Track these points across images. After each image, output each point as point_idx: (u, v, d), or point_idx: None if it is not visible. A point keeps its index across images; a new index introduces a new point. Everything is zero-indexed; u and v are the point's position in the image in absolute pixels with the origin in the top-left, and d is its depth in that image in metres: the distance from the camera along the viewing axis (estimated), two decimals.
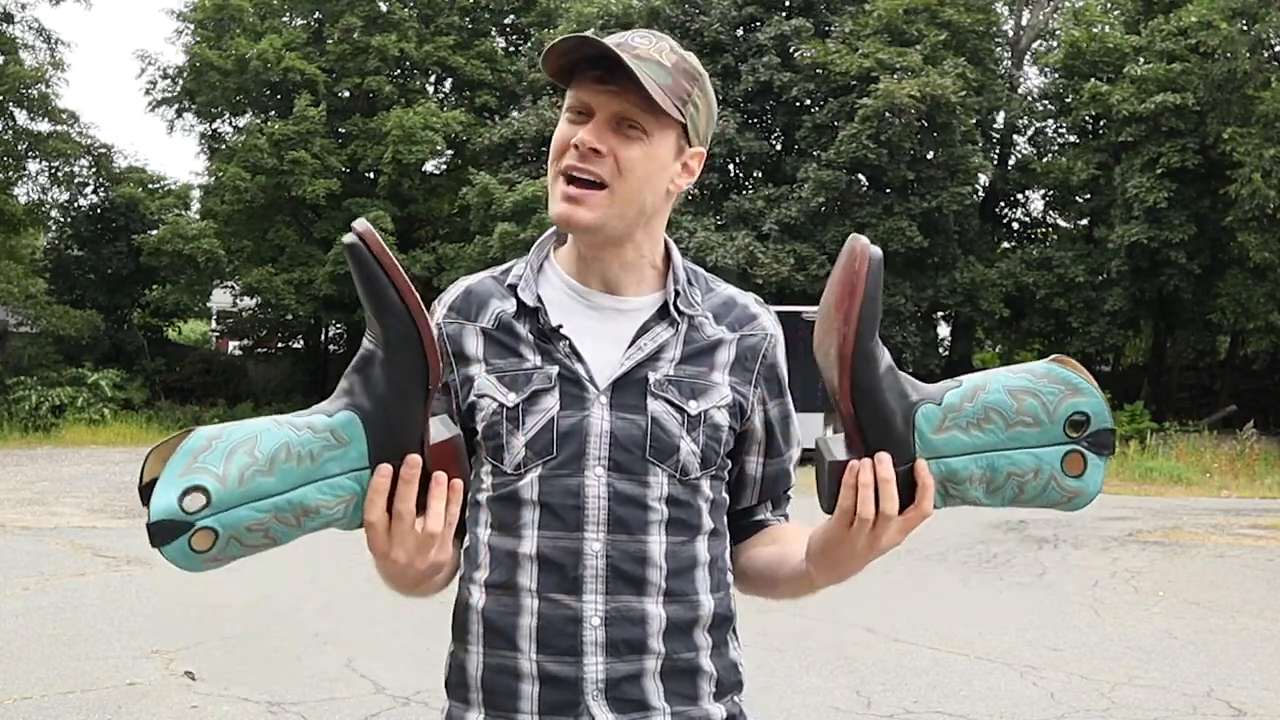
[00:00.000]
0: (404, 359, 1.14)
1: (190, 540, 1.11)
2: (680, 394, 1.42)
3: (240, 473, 1.11)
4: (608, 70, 1.36)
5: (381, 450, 1.16)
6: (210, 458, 1.12)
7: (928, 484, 1.24)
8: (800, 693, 5.06)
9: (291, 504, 1.14)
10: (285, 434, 1.14)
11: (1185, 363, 24.07)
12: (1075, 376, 1.24)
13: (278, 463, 1.13)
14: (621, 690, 1.39)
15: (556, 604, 1.39)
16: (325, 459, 1.14)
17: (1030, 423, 1.23)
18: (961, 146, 21.60)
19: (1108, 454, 1.24)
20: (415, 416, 1.16)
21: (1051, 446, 1.23)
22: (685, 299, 1.46)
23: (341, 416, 1.16)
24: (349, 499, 1.17)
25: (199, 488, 1.11)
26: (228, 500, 1.11)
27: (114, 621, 6.24)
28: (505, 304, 1.46)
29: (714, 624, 1.45)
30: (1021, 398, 1.23)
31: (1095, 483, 1.24)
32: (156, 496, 1.10)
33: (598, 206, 1.38)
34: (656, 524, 1.40)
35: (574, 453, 1.40)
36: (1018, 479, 1.24)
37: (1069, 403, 1.23)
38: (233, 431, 1.13)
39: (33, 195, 25.45)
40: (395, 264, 1.12)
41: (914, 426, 1.23)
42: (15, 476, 14.07)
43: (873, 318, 1.19)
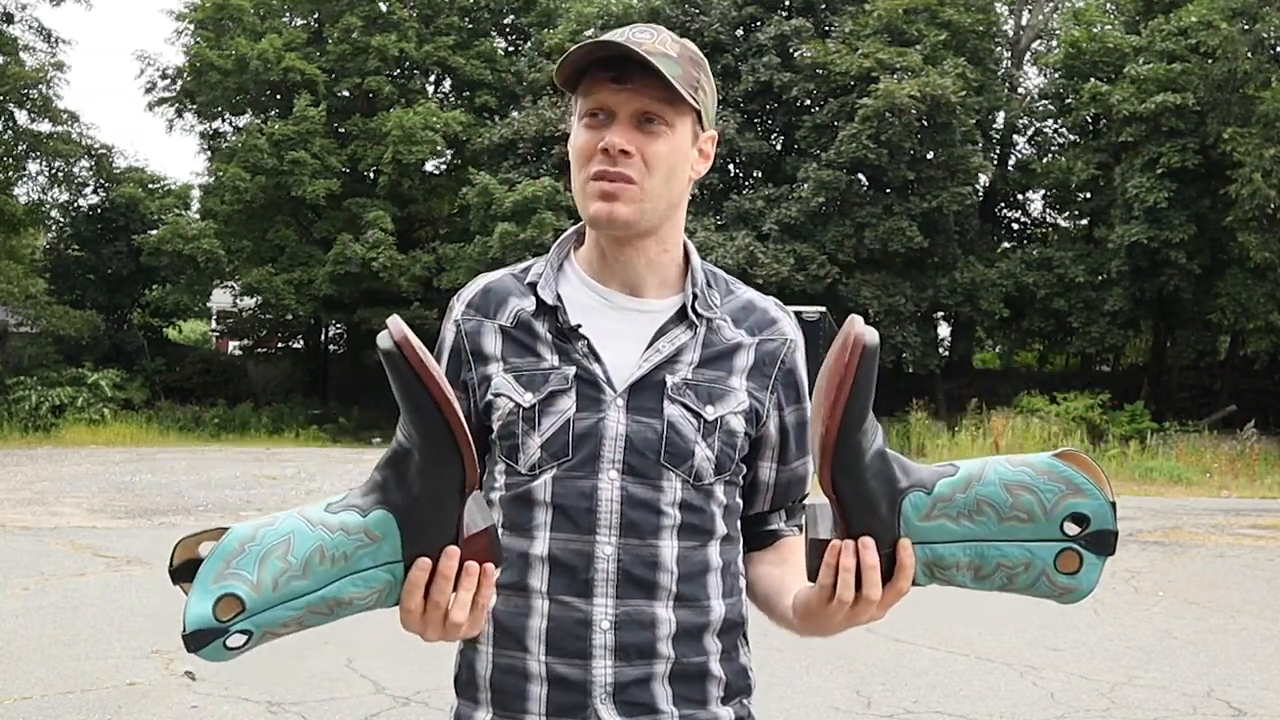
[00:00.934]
0: (440, 464, 1.14)
1: (225, 642, 1.12)
2: (697, 398, 1.42)
3: (274, 579, 1.12)
4: (623, 70, 1.36)
5: (416, 546, 1.16)
6: (244, 562, 1.12)
7: (906, 565, 1.21)
8: (800, 693, 5.06)
9: (325, 599, 1.15)
10: (319, 536, 1.14)
11: (1185, 363, 24.06)
12: (1078, 476, 1.19)
13: (311, 566, 1.14)
14: (630, 694, 1.39)
15: (567, 606, 1.38)
16: (359, 557, 1.15)
17: (1025, 519, 1.20)
18: (961, 146, 21.59)
19: (1107, 554, 1.20)
20: (450, 516, 1.16)
21: (1046, 543, 1.20)
22: (704, 301, 1.46)
23: (376, 516, 1.16)
24: (382, 589, 1.18)
25: (233, 596, 1.11)
26: (261, 605, 1.12)
27: (114, 621, 6.24)
28: (524, 302, 1.46)
29: (724, 629, 1.44)
30: (1018, 493, 1.20)
31: (1090, 581, 1.21)
32: (191, 605, 1.11)
33: (633, 201, 1.39)
34: (669, 529, 1.40)
35: (589, 455, 1.39)
36: (1007, 570, 1.21)
37: (1068, 502, 1.19)
38: (265, 534, 1.14)
39: (33, 195, 25.48)
40: (430, 368, 1.11)
41: (900, 513, 1.21)
42: (15, 476, 14.07)
43: (861, 409, 1.17)
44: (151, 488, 13.02)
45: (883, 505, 1.20)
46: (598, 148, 1.38)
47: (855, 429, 1.17)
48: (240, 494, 12.49)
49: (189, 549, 1.14)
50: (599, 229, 1.43)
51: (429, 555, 1.16)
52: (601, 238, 1.46)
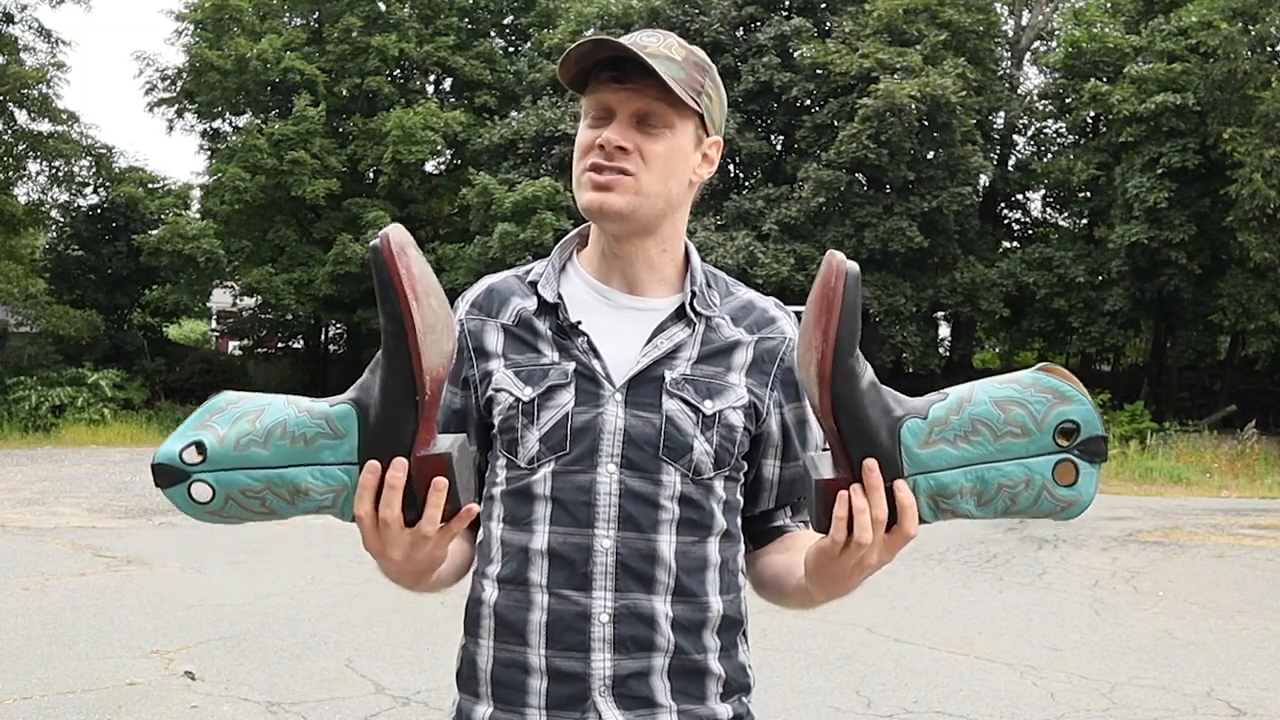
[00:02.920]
0: (396, 367, 1.17)
1: (189, 490, 1.19)
2: (696, 393, 1.43)
3: (237, 438, 1.19)
4: (624, 70, 1.38)
5: (372, 449, 1.19)
6: (220, 419, 1.21)
7: (907, 504, 1.21)
8: (800, 693, 5.06)
9: (284, 479, 1.19)
10: (287, 413, 1.20)
11: (1185, 363, 24.07)
12: (1063, 384, 1.21)
13: (273, 437, 1.19)
14: (629, 687, 1.40)
15: (566, 600, 1.40)
16: (319, 445, 1.19)
17: (1019, 433, 1.21)
18: (961, 146, 21.60)
19: (1100, 461, 1.21)
20: (404, 424, 1.18)
21: (1042, 456, 1.21)
22: (703, 300, 1.48)
23: (340, 408, 1.20)
24: (338, 489, 1.20)
25: (199, 443, 1.19)
26: (222, 461, 1.18)
27: (114, 621, 6.24)
28: (526, 301, 1.48)
29: (723, 626, 1.45)
30: (1008, 408, 1.21)
31: (1089, 491, 1.22)
32: (166, 442, 1.20)
33: (627, 192, 1.40)
34: (668, 523, 1.41)
35: (587, 449, 1.41)
36: (1009, 490, 1.21)
37: (1057, 411, 1.20)
38: (248, 401, 1.22)
39: (33, 195, 25.47)
40: (405, 273, 1.14)
41: (900, 441, 1.21)
42: (15, 476, 14.07)
43: (851, 333, 1.17)
44: (151, 488, 12.96)
45: (882, 433, 1.20)
46: (595, 144, 1.40)
47: (849, 354, 1.17)
48: None
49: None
50: (592, 218, 1.45)
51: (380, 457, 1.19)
52: (602, 235, 1.48)
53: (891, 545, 1.23)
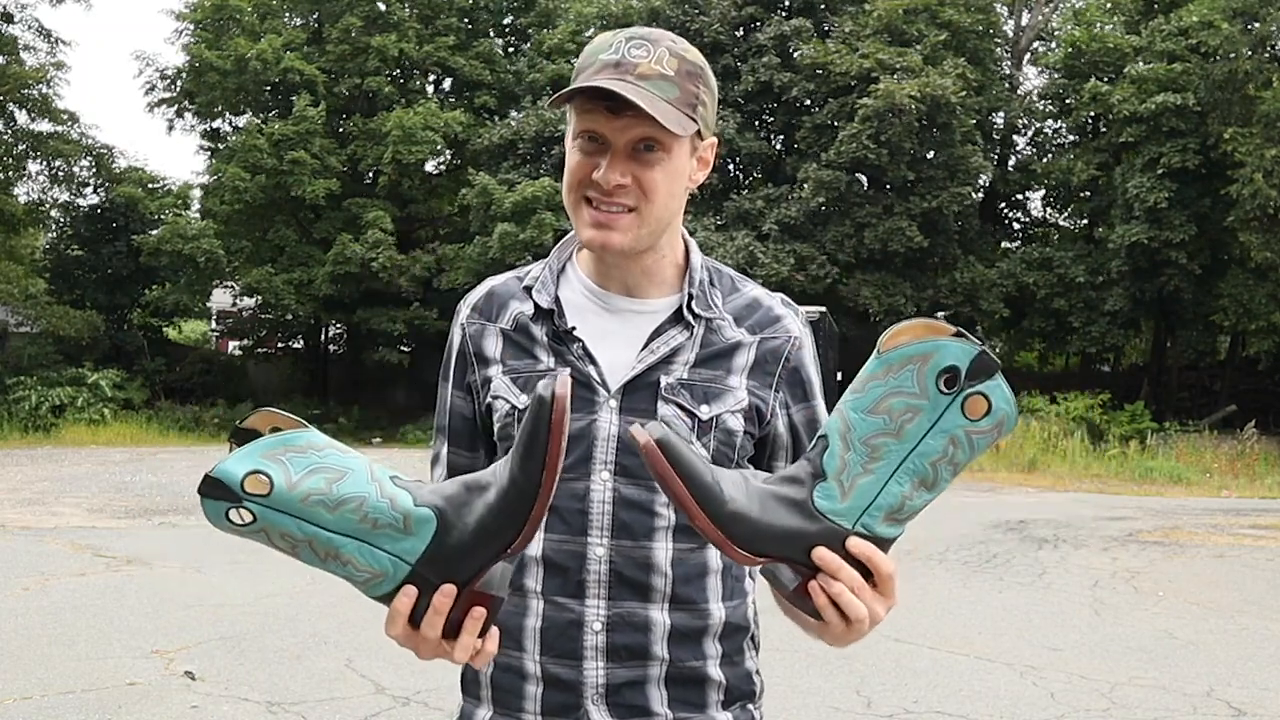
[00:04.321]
0: (505, 517, 1.15)
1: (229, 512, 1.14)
2: (692, 398, 1.41)
3: (308, 492, 1.14)
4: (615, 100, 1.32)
5: (433, 563, 1.17)
6: (296, 460, 1.14)
7: (868, 554, 1.18)
8: (800, 693, 5.06)
9: (330, 543, 1.16)
10: (369, 490, 1.15)
11: (1186, 363, 24.07)
12: (908, 348, 1.14)
13: (344, 508, 1.15)
14: (622, 696, 1.39)
15: (560, 607, 1.39)
16: (384, 533, 1.16)
17: (910, 416, 1.15)
18: (961, 146, 21.60)
19: (995, 371, 1.14)
20: (477, 562, 1.17)
21: (945, 414, 1.15)
22: (703, 301, 1.45)
23: (422, 512, 1.16)
24: (378, 574, 1.18)
25: (267, 476, 1.13)
26: (282, 504, 1.13)
27: (114, 621, 6.24)
28: (524, 306, 1.47)
29: (726, 633, 1.43)
30: (884, 406, 1.15)
31: (1006, 401, 1.15)
32: (230, 460, 1.13)
33: (629, 230, 1.37)
34: (663, 530, 1.39)
35: (581, 456, 1.39)
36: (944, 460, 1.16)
37: (927, 371, 1.14)
38: (330, 455, 1.16)
39: (33, 195, 25.47)
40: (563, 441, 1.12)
41: (822, 513, 1.17)
42: (15, 476, 14.07)
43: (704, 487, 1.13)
44: (151, 488, 13.02)
45: (805, 523, 1.17)
46: (591, 178, 1.36)
47: (720, 505, 1.14)
48: None
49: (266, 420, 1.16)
50: (593, 253, 1.43)
51: (432, 580, 1.16)
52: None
53: (884, 590, 1.20)
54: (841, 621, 1.19)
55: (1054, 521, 11.39)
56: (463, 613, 1.17)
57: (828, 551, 1.17)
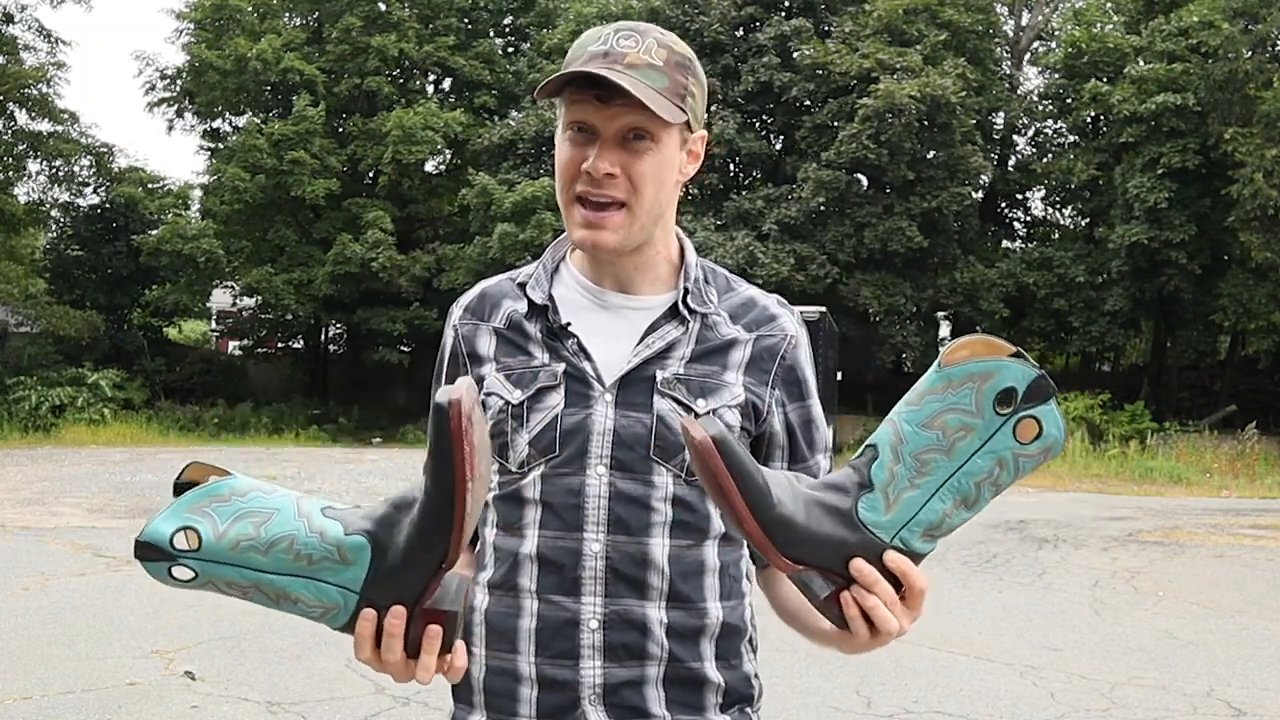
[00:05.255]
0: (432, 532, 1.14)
1: (171, 569, 1.15)
2: (688, 392, 1.39)
3: (237, 539, 1.14)
4: (607, 88, 1.32)
5: (377, 587, 1.16)
6: (221, 510, 1.15)
7: (904, 569, 1.17)
8: (800, 693, 5.06)
9: (275, 586, 1.16)
10: (297, 527, 1.15)
11: (1186, 363, 24.08)
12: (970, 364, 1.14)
13: (275, 549, 1.14)
14: (620, 696, 1.37)
15: (555, 605, 1.37)
16: (323, 566, 1.15)
17: (964, 434, 1.15)
18: (961, 146, 21.60)
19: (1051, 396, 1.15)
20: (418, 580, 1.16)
21: (997, 435, 1.15)
22: (698, 297, 1.44)
23: (355, 540, 1.15)
24: (330, 607, 1.17)
25: (195, 531, 1.14)
26: (215, 554, 1.14)
27: (114, 621, 6.24)
28: (517, 304, 1.46)
29: (723, 633, 1.41)
30: (939, 422, 1.15)
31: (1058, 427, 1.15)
32: (158, 520, 1.15)
33: (619, 228, 1.37)
34: (660, 525, 1.37)
35: (576, 451, 1.38)
36: (988, 481, 1.17)
37: (983, 391, 1.14)
38: (255, 498, 1.16)
39: (33, 195, 25.49)
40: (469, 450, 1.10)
41: (864, 524, 1.17)
42: (15, 476, 14.07)
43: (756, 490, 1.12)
44: (151, 488, 13.02)
45: (846, 533, 1.16)
46: (581, 169, 1.35)
47: (769, 508, 1.13)
48: None
49: (199, 472, 1.18)
50: (584, 252, 1.42)
51: (381, 604, 1.16)
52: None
53: (913, 604, 1.20)
54: (868, 634, 1.19)
55: (1054, 521, 11.39)
56: (420, 632, 1.16)
57: (865, 564, 1.16)
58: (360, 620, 1.17)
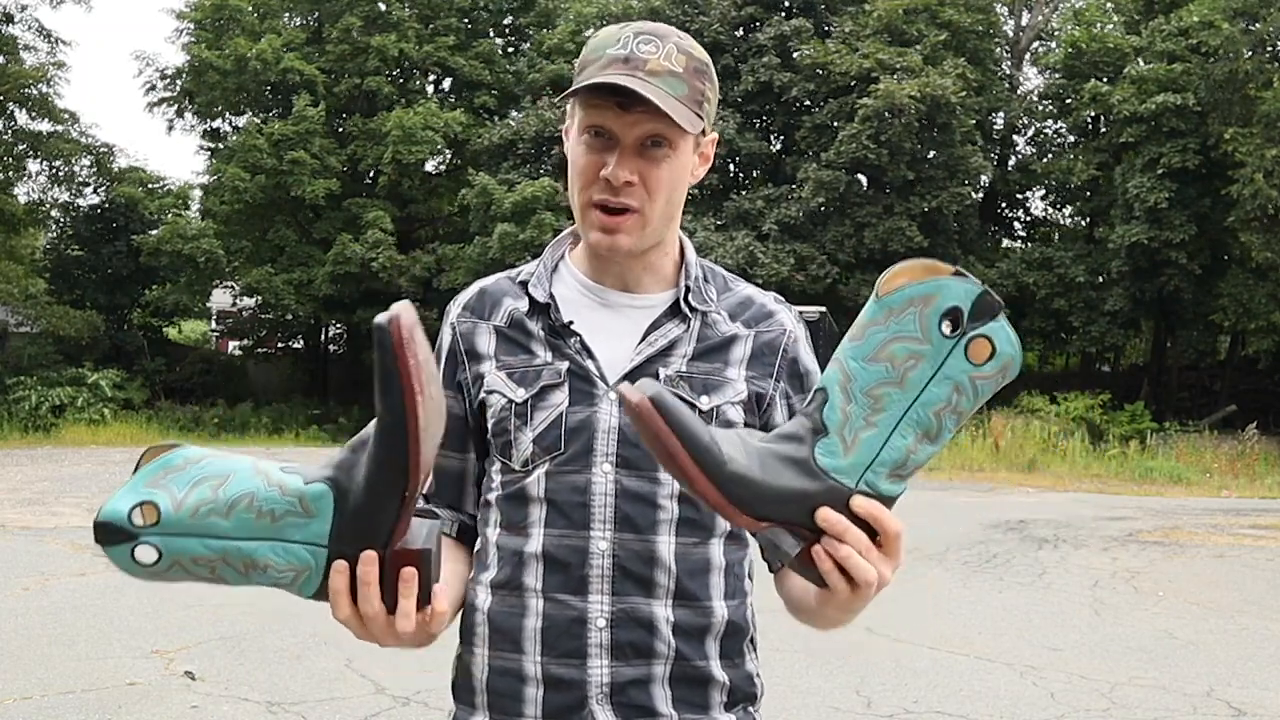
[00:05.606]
0: (388, 458, 1.09)
1: (133, 551, 1.11)
2: (692, 389, 1.40)
3: (196, 505, 1.10)
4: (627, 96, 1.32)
5: (344, 535, 1.12)
6: (177, 479, 1.11)
7: (873, 513, 1.12)
8: (800, 693, 5.06)
9: (241, 552, 1.11)
10: (255, 484, 1.11)
11: (1186, 363, 24.08)
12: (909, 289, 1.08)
13: (237, 509, 1.10)
14: (628, 695, 1.36)
15: (561, 604, 1.36)
16: (287, 523, 1.11)
17: (914, 363, 1.09)
18: (961, 147, 21.61)
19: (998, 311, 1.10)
20: (386, 516, 1.11)
21: (949, 359, 1.09)
22: (698, 295, 1.45)
23: (316, 488, 1.12)
24: (300, 569, 1.13)
25: (152, 504, 1.10)
26: (176, 526, 1.10)
27: (114, 621, 6.24)
28: (518, 302, 1.46)
29: (728, 632, 1.41)
30: (886, 353, 1.09)
31: (1010, 344, 1.10)
32: (114, 499, 1.10)
33: (635, 231, 1.37)
34: (666, 523, 1.37)
35: (581, 449, 1.38)
36: (948, 409, 1.10)
37: (928, 313, 1.08)
38: (211, 463, 1.12)
39: (33, 195, 25.48)
40: (413, 363, 1.06)
41: (825, 471, 1.10)
42: (15, 476, 14.07)
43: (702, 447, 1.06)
44: None
45: (806, 482, 1.10)
46: (600, 175, 1.35)
47: (720, 465, 1.07)
48: None
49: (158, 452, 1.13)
50: (600, 254, 1.42)
51: (351, 554, 1.12)
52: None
53: (890, 550, 1.15)
54: (848, 587, 1.14)
55: (1054, 521, 11.39)
56: (395, 577, 1.13)
57: (832, 513, 1.11)
58: (333, 574, 1.12)
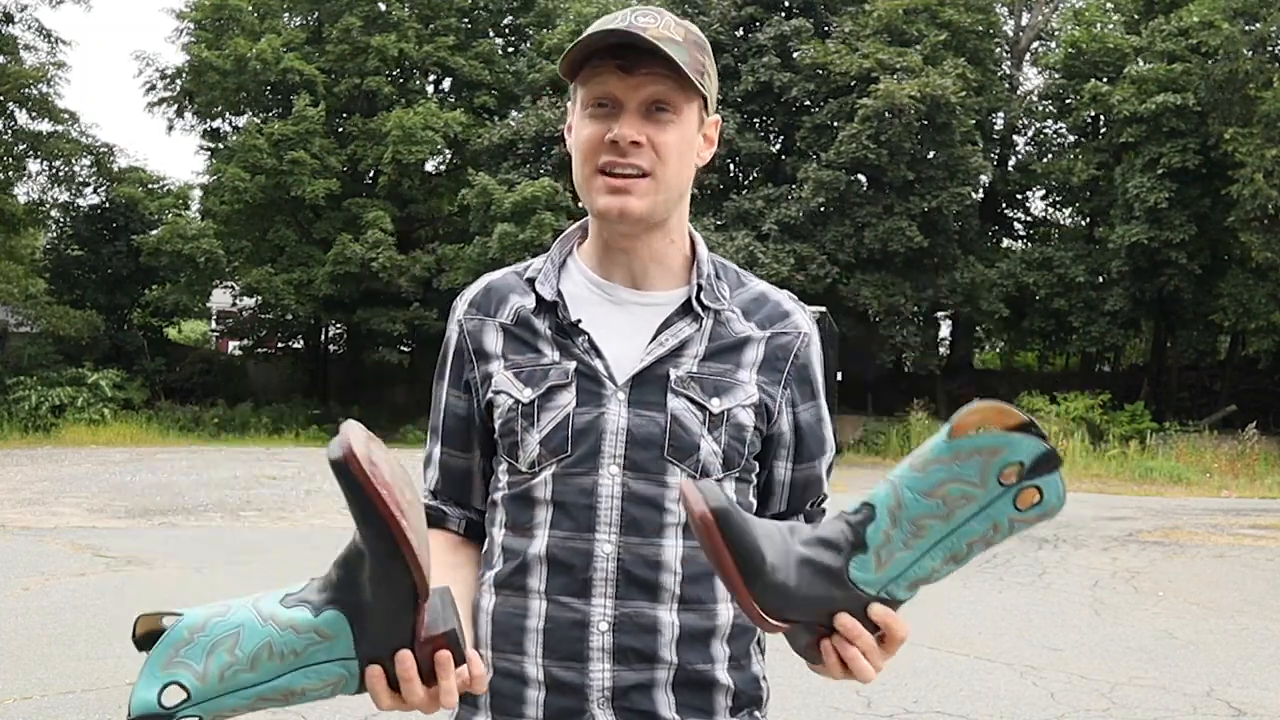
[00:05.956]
0: (390, 574, 1.12)
1: None
2: (703, 391, 1.37)
3: (220, 671, 1.13)
4: (629, 58, 1.32)
5: (368, 646, 1.15)
6: (191, 652, 1.13)
7: (887, 622, 1.18)
8: (800, 693, 5.05)
9: (276, 689, 1.15)
10: (269, 633, 1.14)
11: (1186, 363, 24.07)
12: (982, 439, 1.12)
13: (259, 661, 1.14)
14: (630, 700, 1.34)
15: (564, 607, 1.35)
16: (310, 653, 1.15)
17: (965, 501, 1.15)
18: (961, 147, 21.60)
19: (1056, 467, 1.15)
20: (403, 622, 1.15)
21: (997, 501, 1.15)
22: (711, 293, 1.42)
23: (327, 616, 1.15)
24: (336, 681, 1.16)
25: (179, 684, 1.12)
26: (207, 694, 1.13)
27: (114, 621, 6.23)
28: (525, 299, 1.43)
29: (734, 635, 1.39)
30: (942, 491, 1.14)
31: (1058, 494, 1.16)
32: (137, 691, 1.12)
33: (645, 194, 1.35)
34: (673, 527, 1.35)
35: (589, 451, 1.35)
36: (982, 541, 1.17)
37: (993, 464, 1.13)
38: (214, 625, 1.14)
39: (33, 195, 25.49)
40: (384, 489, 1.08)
41: (853, 582, 1.17)
42: (15, 476, 14.07)
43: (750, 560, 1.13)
44: (151, 488, 13.02)
45: (835, 594, 1.17)
46: (605, 140, 1.34)
47: (761, 577, 1.14)
48: (240, 494, 12.49)
49: (150, 622, 1.15)
50: (609, 223, 1.38)
51: (382, 657, 1.15)
52: (606, 231, 1.41)
53: (890, 650, 1.21)
54: (841, 675, 1.20)
55: (1054, 522, 11.36)
56: (430, 662, 1.15)
57: (850, 619, 1.17)
58: (370, 680, 1.15)
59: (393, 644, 1.14)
